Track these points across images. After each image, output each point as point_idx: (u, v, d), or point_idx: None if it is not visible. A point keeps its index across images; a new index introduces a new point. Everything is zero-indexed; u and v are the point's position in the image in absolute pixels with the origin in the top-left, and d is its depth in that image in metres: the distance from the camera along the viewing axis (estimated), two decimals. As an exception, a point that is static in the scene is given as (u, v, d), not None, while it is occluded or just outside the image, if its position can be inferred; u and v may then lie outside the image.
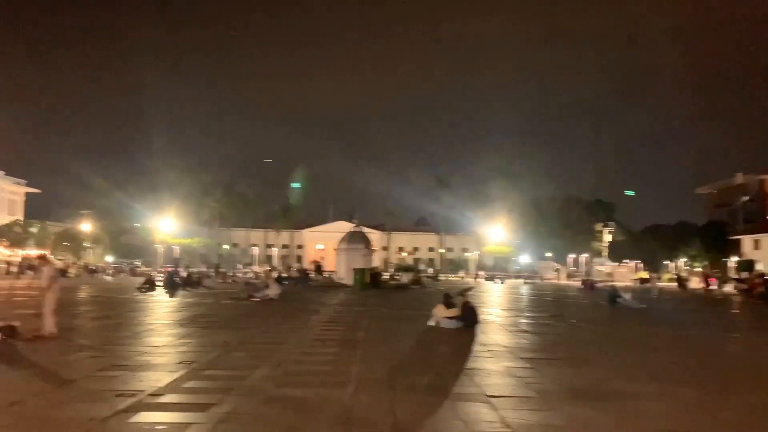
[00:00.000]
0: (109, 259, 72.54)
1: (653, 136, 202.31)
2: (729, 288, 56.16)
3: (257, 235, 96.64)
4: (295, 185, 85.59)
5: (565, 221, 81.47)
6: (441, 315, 14.61)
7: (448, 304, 14.86)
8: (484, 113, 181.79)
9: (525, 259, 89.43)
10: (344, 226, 58.50)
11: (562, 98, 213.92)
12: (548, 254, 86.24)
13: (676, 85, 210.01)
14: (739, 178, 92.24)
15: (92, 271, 51.32)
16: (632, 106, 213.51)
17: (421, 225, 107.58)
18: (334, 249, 41.87)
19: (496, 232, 79.84)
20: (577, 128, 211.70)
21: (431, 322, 14.65)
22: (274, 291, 23.10)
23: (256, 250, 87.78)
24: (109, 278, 46.86)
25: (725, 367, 10.14)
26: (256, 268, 61.74)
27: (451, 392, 7.33)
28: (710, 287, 46.34)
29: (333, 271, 43.21)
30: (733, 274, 60.47)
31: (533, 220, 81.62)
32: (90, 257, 70.24)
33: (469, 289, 20.25)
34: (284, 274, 44.08)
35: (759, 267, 56.81)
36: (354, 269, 35.30)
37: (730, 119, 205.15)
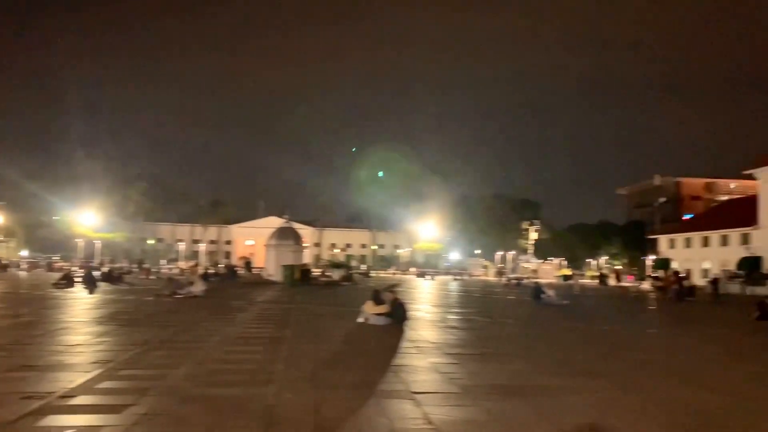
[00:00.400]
0: (24, 253, 68.91)
1: (578, 138, 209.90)
2: (646, 285, 58.89)
3: (183, 230, 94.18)
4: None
5: (493, 219, 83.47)
6: (370, 311, 14.60)
7: (378, 301, 14.87)
8: (416, 111, 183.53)
9: (455, 256, 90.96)
10: (275, 222, 57.72)
11: (493, 100, 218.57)
12: (477, 251, 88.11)
13: (601, 91, 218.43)
14: (657, 180, 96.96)
15: (4, 266, 48.58)
16: (560, 109, 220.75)
17: (353, 221, 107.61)
18: (264, 245, 41.26)
19: (427, 230, 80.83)
20: (506, 129, 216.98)
21: (360, 319, 14.62)
22: (198, 288, 22.49)
23: (182, 246, 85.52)
24: (23, 273, 44.49)
25: (642, 361, 10.55)
26: (182, 264, 60.11)
27: (376, 389, 7.30)
28: (622, 284, 48.12)
29: (263, 268, 42.60)
30: (650, 272, 63.47)
31: (463, 218, 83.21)
32: (2, 251, 66.51)
33: (395, 285, 20.34)
34: (211, 271, 43.10)
35: (674, 265, 59.88)
36: (283, 266, 34.89)
37: (648, 124, 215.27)
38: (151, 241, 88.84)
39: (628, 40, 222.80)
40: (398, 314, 14.51)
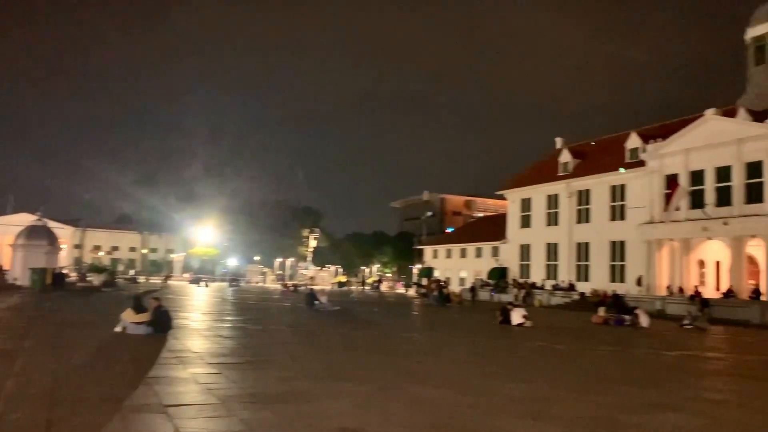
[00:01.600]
0: None
1: (360, 152, 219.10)
2: (412, 291, 63.05)
3: None
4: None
5: (274, 226, 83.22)
6: (129, 320, 13.53)
7: (138, 308, 13.83)
8: (197, 113, 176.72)
9: (233, 262, 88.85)
10: (27, 219, 51.12)
11: (276, 109, 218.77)
12: (256, 257, 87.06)
13: (385, 109, 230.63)
14: (425, 196, 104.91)
15: None
16: (343, 123, 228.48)
17: (122, 223, 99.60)
18: (10, 245, 36.31)
19: (204, 234, 77.86)
20: (289, 138, 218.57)
21: (118, 328, 13.47)
22: None
23: None
24: None
25: (406, 364, 11.17)
26: None
27: (124, 404, 6.70)
28: (393, 290, 50.92)
29: (8, 271, 37.43)
30: (416, 279, 68.23)
31: (243, 223, 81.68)
32: None
33: (159, 291, 19.20)
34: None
35: (436, 273, 65.01)
36: (31, 269, 31.04)
37: (420, 143, 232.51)
38: None
39: (406, 62, 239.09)
40: (161, 322, 13.64)
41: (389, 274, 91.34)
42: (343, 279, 67.01)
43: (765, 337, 22.88)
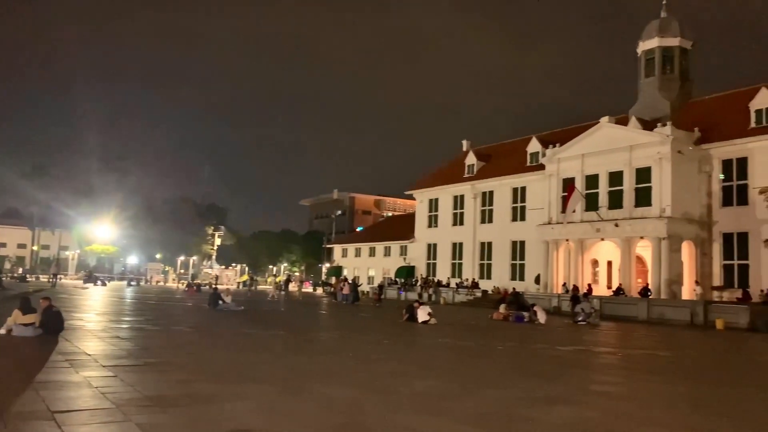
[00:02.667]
0: None
1: (269, 149, 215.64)
2: (320, 291, 62.84)
3: None
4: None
5: (177, 223, 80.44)
6: (16, 322, 12.64)
7: (26, 309, 12.94)
8: (93, 104, 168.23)
9: (133, 260, 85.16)
10: None
11: (174, 102, 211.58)
12: (158, 255, 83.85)
13: (291, 106, 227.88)
14: (336, 194, 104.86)
15: None
16: (250, 118, 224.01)
17: (10, 218, 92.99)
18: None
19: (102, 231, 74.09)
20: (194, 133, 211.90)
21: (2, 330, 12.57)
22: None
23: None
24: None
25: (312, 363, 11.09)
26: None
27: (8, 411, 6.25)
28: (301, 289, 50.30)
29: None
30: (324, 278, 67.98)
31: (145, 220, 78.39)
32: None
33: (42, 290, 18.11)
34: None
35: (345, 272, 65.12)
36: None
37: (331, 141, 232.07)
38: None
39: (321, 60, 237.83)
40: (51, 324, 12.84)
41: (297, 273, 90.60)
42: (246, 278, 65.70)
43: (651, 332, 24.53)
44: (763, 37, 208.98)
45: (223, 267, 79.95)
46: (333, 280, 60.61)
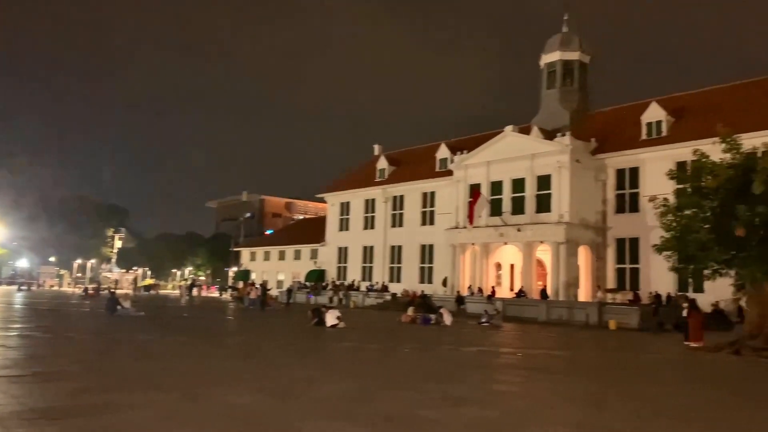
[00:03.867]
0: None
1: (174, 148, 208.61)
2: (227, 295, 61.40)
3: None
4: None
5: (74, 224, 76.16)
6: None
7: None
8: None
9: (24, 263, 79.79)
10: None
11: (72, 98, 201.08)
12: (52, 258, 79.05)
13: (200, 104, 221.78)
14: (245, 196, 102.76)
15: None
16: (151, 116, 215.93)
17: None
18: None
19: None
20: (94, 131, 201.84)
21: None
22: None
23: None
24: None
25: (216, 370, 10.78)
26: None
27: None
28: (206, 294, 48.59)
29: None
30: (232, 282, 66.38)
31: (39, 221, 73.57)
32: None
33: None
34: None
35: (253, 276, 63.90)
36: None
37: (240, 143, 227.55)
38: None
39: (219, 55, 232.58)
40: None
41: (203, 277, 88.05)
42: (151, 282, 63.22)
43: (550, 332, 25.61)
44: (653, 55, 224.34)
45: (124, 270, 76.41)
46: (240, 284, 59.36)
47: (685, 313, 21.62)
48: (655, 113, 37.19)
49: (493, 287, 39.17)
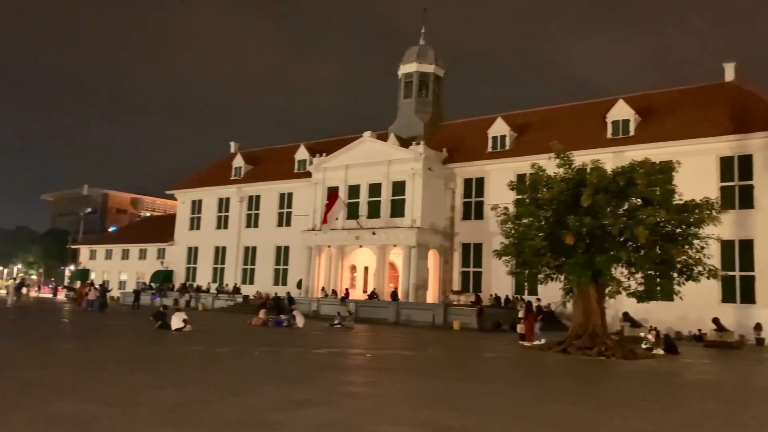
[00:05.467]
0: None
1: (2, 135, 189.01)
2: (62, 296, 56.77)
3: None
4: None
5: None
6: None
7: None
8: None
9: None
10: None
11: None
12: None
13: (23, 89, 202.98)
14: (85, 190, 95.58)
15: None
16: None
17: None
18: None
19: None
20: None
21: None
22: None
23: None
24: None
25: (43, 377, 9.91)
26: None
27: None
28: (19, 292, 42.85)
29: None
30: (68, 282, 61.37)
31: None
32: None
33: None
34: None
35: (93, 276, 59.60)
36: None
37: (83, 133, 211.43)
38: None
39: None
40: None
41: (35, 276, 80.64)
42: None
43: (399, 333, 26.44)
44: (500, 74, 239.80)
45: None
46: (78, 284, 55.06)
47: (521, 314, 23.32)
48: (500, 128, 39.77)
49: (347, 289, 39.67)
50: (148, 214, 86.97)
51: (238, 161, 52.08)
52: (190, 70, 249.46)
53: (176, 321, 20.95)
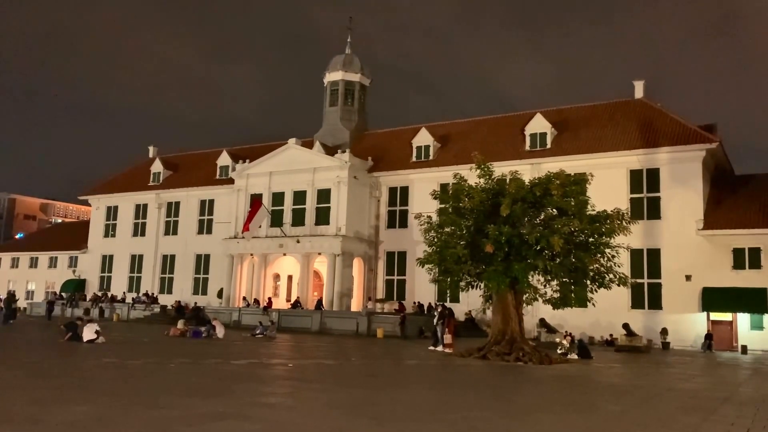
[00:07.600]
0: None
1: None
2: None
3: None
4: None
5: None
6: None
7: None
8: None
9: None
10: None
11: None
12: None
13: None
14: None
15: None
16: None
17: None
18: None
19: None
20: None
21: None
22: None
23: None
24: None
25: None
26: None
27: None
28: None
29: None
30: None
31: None
32: None
33: None
34: None
35: (-4, 286, 55.98)
36: None
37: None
38: None
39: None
40: None
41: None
42: None
43: (321, 342, 26.22)
44: (422, 87, 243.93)
45: None
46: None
47: (435, 319, 23.71)
48: (424, 138, 40.33)
49: (269, 298, 39.04)
50: (59, 221, 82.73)
51: (157, 166, 50.40)
52: (105, 71, 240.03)
53: (88, 332, 19.97)
